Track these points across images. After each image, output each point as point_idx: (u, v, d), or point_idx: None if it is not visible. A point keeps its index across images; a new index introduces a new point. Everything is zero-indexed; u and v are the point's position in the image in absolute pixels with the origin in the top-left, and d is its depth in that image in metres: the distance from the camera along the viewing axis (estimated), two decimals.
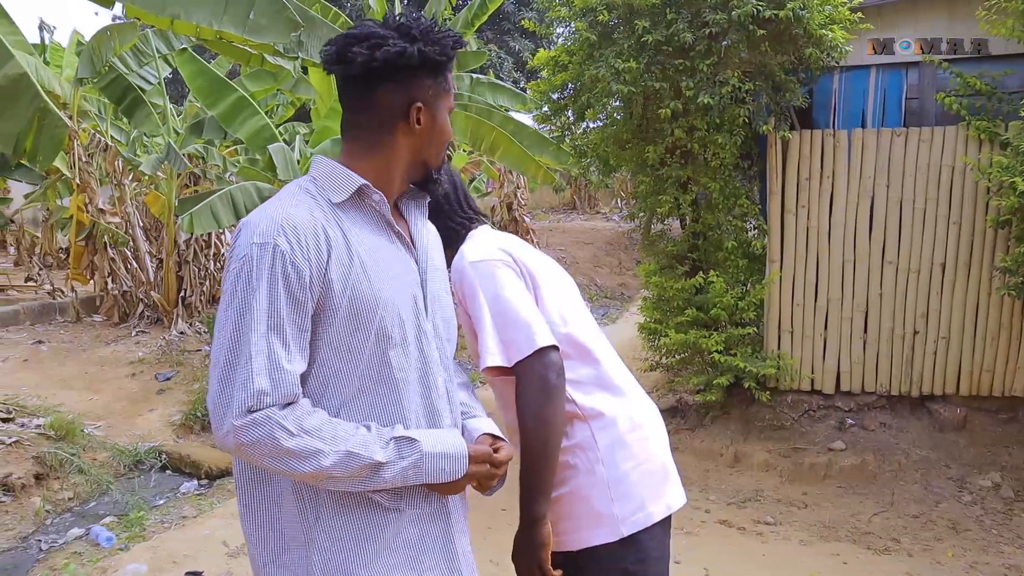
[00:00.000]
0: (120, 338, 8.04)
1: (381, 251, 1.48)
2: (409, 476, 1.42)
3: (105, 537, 4.26)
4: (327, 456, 1.34)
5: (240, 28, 3.14)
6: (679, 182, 5.76)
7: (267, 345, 1.33)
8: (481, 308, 1.72)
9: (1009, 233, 5.00)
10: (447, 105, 1.54)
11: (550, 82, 6.15)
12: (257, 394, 1.31)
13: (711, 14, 4.99)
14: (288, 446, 1.31)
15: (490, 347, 1.69)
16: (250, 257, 1.35)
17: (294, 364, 1.35)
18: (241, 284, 1.35)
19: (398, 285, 1.48)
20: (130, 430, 6.02)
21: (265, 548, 1.47)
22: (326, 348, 1.40)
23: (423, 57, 1.45)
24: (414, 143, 1.51)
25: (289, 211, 1.39)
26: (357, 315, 1.41)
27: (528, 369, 1.66)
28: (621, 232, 16.98)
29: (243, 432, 1.30)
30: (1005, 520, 4.55)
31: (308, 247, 1.36)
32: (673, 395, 6.55)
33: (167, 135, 8.06)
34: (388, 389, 1.45)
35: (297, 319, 1.36)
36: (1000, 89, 5.13)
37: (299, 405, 1.36)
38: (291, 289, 1.35)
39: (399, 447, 1.41)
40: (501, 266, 1.80)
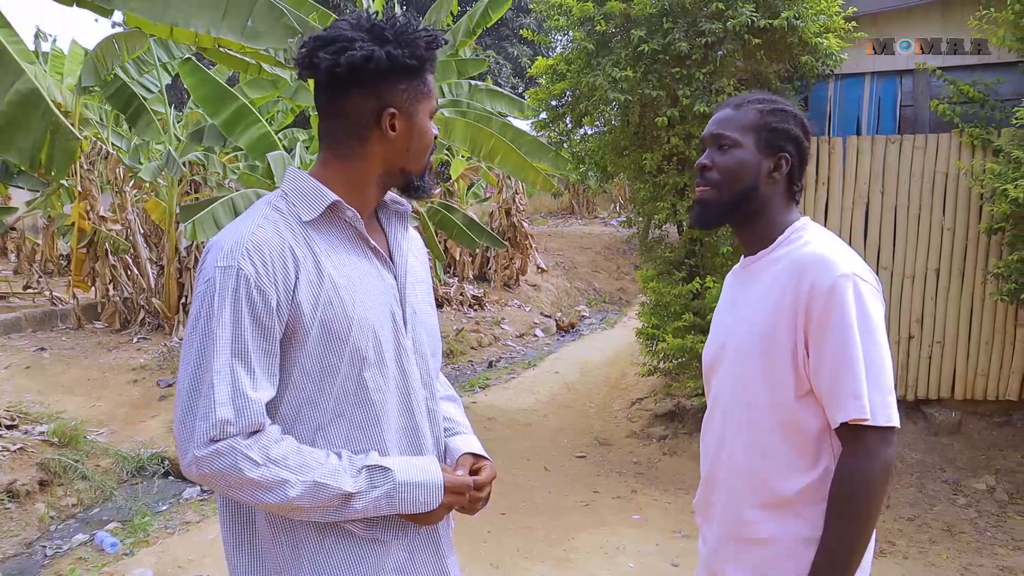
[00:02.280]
0: (121, 344, 8.08)
1: (355, 268, 1.42)
2: (382, 506, 1.36)
3: (110, 543, 4.29)
4: (293, 487, 1.29)
5: (238, 35, 3.17)
6: (676, 189, 5.82)
7: (231, 372, 1.28)
8: (854, 343, 1.43)
9: (1002, 239, 5.07)
10: (427, 109, 1.44)
11: (548, 90, 6.21)
12: (221, 423, 1.26)
13: (707, 23, 5.06)
14: (252, 476, 1.27)
15: (863, 396, 1.41)
16: (213, 281, 1.30)
17: (260, 391, 1.30)
18: (204, 309, 1.30)
19: (373, 302, 1.42)
20: (132, 436, 6.06)
21: (249, 570, 1.42)
22: (297, 372, 1.35)
23: (392, 60, 1.36)
24: (390, 151, 1.43)
25: (255, 231, 1.33)
26: (329, 337, 1.35)
27: (883, 441, 1.43)
28: (619, 237, 17.05)
29: (206, 463, 1.26)
30: (999, 522, 4.61)
31: (274, 270, 1.32)
32: (671, 399, 6.61)
33: (168, 143, 8.11)
34: (365, 411, 1.40)
35: (264, 344, 1.31)
36: (993, 97, 5.21)
37: (265, 433, 1.31)
38: (256, 314, 1.30)
39: (371, 476, 1.35)
40: (877, 294, 1.52)
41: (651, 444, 6.19)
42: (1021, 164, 4.66)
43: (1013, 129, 4.92)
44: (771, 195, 1.60)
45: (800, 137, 1.61)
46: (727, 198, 1.60)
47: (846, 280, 1.45)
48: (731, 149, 1.58)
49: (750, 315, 1.58)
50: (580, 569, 4.09)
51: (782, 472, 1.53)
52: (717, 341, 1.71)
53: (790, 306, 1.49)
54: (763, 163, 1.58)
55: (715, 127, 1.62)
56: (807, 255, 1.50)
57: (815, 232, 1.59)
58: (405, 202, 1.59)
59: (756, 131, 1.58)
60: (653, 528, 4.63)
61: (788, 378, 1.50)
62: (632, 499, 5.10)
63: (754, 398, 1.55)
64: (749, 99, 1.63)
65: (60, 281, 11.40)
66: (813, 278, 1.46)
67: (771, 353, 1.52)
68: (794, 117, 1.61)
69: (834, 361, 1.44)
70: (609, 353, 9.41)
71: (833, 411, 1.46)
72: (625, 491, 5.25)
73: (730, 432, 1.61)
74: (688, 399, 6.33)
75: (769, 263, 1.59)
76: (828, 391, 1.46)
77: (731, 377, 1.62)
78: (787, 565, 1.52)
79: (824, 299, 1.45)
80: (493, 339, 10.54)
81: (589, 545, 4.37)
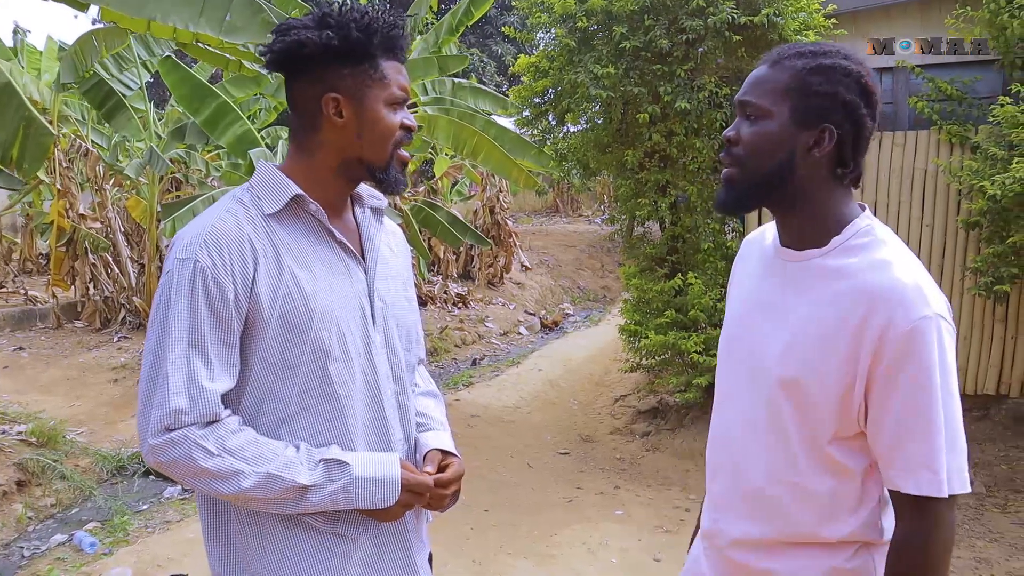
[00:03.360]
0: (102, 344, 8.01)
1: (320, 261, 1.41)
2: (339, 500, 1.36)
3: (88, 543, 4.25)
4: (247, 477, 1.29)
5: (216, 30, 3.15)
6: (658, 185, 5.84)
7: (186, 363, 1.29)
8: (934, 402, 1.20)
9: (979, 235, 5.12)
10: (381, 96, 1.40)
11: (531, 87, 6.21)
12: (174, 413, 1.27)
13: (688, 20, 5.08)
14: (206, 466, 1.28)
15: (940, 468, 1.20)
16: (172, 273, 1.32)
17: (216, 382, 1.31)
18: (163, 300, 1.32)
19: (339, 296, 1.41)
20: (113, 436, 6.00)
21: (220, 563, 1.43)
22: (259, 364, 1.36)
23: (327, 44, 1.34)
24: (340, 138, 1.41)
25: (216, 224, 1.34)
26: (289, 329, 1.36)
27: (950, 508, 1.22)
28: (603, 235, 17.08)
29: (160, 451, 1.28)
30: (977, 515, 4.65)
31: (231, 262, 1.32)
32: (654, 396, 6.63)
33: (149, 140, 8.04)
34: (330, 405, 1.40)
35: (222, 335, 1.32)
36: (970, 94, 5.26)
37: (223, 424, 1.31)
38: (213, 305, 1.31)
39: (328, 470, 1.35)
40: (953, 335, 1.26)
41: (634, 440, 6.20)
42: (998, 161, 4.71)
43: (990, 126, 4.97)
44: (813, 178, 1.29)
45: (854, 103, 1.26)
46: (753, 179, 1.32)
47: (929, 323, 1.19)
48: (759, 120, 1.29)
49: (793, 335, 1.31)
50: (563, 565, 4.10)
51: (829, 515, 1.32)
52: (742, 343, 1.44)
53: (852, 343, 1.23)
54: (800, 137, 1.27)
55: (745, 91, 1.33)
56: (885, 285, 1.22)
57: (891, 242, 1.29)
58: (381, 196, 1.58)
59: (793, 96, 1.27)
60: (636, 524, 4.64)
61: (826, 419, 1.28)
62: (615, 495, 5.12)
63: (792, 431, 1.32)
64: (791, 52, 1.31)
65: (39, 280, 11.29)
66: (890, 315, 1.20)
67: (813, 389, 1.28)
68: (847, 76, 1.26)
69: (905, 420, 1.21)
70: (593, 350, 9.42)
71: (897, 476, 1.24)
72: (608, 487, 5.26)
73: (760, 460, 1.38)
74: (670, 395, 6.35)
75: (824, 271, 1.30)
76: (890, 452, 1.24)
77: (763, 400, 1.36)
78: None
79: (902, 344, 1.19)
80: (477, 337, 10.54)
81: (572, 541, 4.38)
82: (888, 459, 1.24)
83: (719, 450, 1.48)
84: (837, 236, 1.30)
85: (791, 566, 1.36)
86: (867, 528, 1.32)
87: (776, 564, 1.37)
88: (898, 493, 1.25)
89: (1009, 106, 4.65)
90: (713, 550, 1.49)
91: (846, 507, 1.31)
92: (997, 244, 4.77)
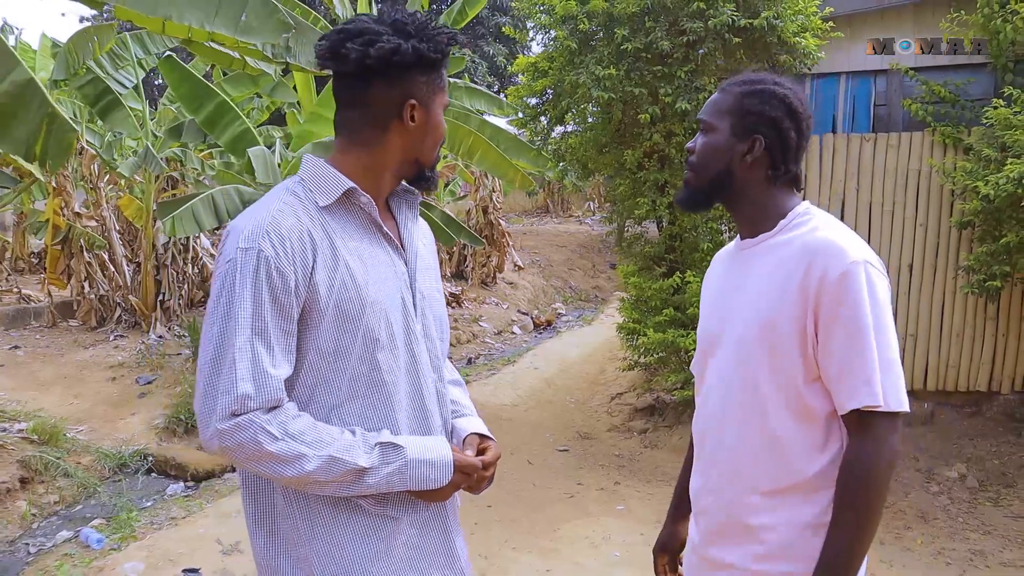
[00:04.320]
0: (98, 342, 7.99)
1: (368, 253, 1.46)
2: (394, 482, 1.41)
3: (95, 539, 4.27)
4: (310, 461, 1.33)
5: (232, 29, 3.17)
6: (656, 185, 5.91)
7: (251, 349, 1.32)
8: (868, 331, 1.42)
9: (972, 234, 5.22)
10: (441, 102, 1.51)
11: (530, 87, 6.27)
12: (241, 398, 1.30)
13: (688, 23, 5.15)
14: (271, 450, 1.32)
15: (875, 382, 1.40)
16: (235, 262, 1.35)
17: (279, 368, 1.35)
18: (226, 289, 1.35)
19: (385, 287, 1.47)
20: (112, 434, 6.01)
21: (265, 546, 1.47)
22: (313, 352, 1.40)
23: (418, 54, 1.42)
24: (407, 141, 1.48)
25: (275, 215, 1.38)
26: (343, 318, 1.40)
27: (891, 427, 1.42)
28: (594, 236, 17.17)
29: (227, 436, 1.31)
30: (970, 509, 4.76)
31: (293, 252, 1.36)
32: (651, 394, 6.70)
33: (146, 138, 8.03)
34: (378, 392, 1.45)
35: (282, 323, 1.36)
36: (963, 97, 5.36)
37: (284, 409, 1.35)
38: (275, 294, 1.34)
39: (384, 453, 1.40)
40: (885, 280, 1.50)
41: (632, 437, 6.27)
42: (991, 162, 4.81)
43: (983, 128, 5.07)
44: (750, 178, 1.58)
45: (779, 119, 1.54)
46: (703, 182, 1.61)
47: (858, 267, 1.43)
48: (709, 133, 1.59)
49: (754, 299, 1.55)
50: (567, 558, 4.15)
51: (796, 456, 1.50)
52: (714, 326, 1.67)
53: (799, 291, 1.46)
54: (737, 147, 1.56)
55: (702, 111, 1.64)
56: (817, 241, 1.47)
57: (822, 218, 1.56)
58: (416, 191, 1.63)
59: (732, 114, 1.56)
60: (637, 518, 4.70)
61: (795, 363, 1.48)
62: (615, 491, 5.18)
63: (761, 383, 1.51)
64: (734, 81, 1.62)
65: (31, 279, 11.24)
66: (825, 264, 1.44)
67: (778, 338, 1.48)
68: (774, 97, 1.55)
69: (845, 347, 1.42)
70: (587, 350, 9.49)
71: (843, 397, 1.44)
72: (608, 483, 5.33)
73: (734, 418, 1.57)
74: (668, 394, 6.42)
75: (773, 247, 1.56)
76: (837, 377, 1.44)
77: (735, 362, 1.57)
78: (792, 552, 1.50)
79: (836, 285, 1.42)
80: (471, 336, 10.58)
81: (575, 535, 4.43)
82: (837, 387, 1.45)
83: (703, 418, 1.68)
84: (782, 220, 1.57)
85: (775, 519, 1.52)
86: (834, 466, 1.49)
87: (762, 519, 1.53)
88: (848, 417, 1.45)
89: (1002, 108, 4.75)
90: (700, 513, 1.68)
91: (813, 449, 1.50)
92: (990, 243, 4.87)
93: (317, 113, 6.78)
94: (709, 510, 1.63)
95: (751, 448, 1.54)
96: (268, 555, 1.47)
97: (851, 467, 1.43)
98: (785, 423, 1.50)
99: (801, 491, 1.50)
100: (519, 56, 6.52)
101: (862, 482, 1.41)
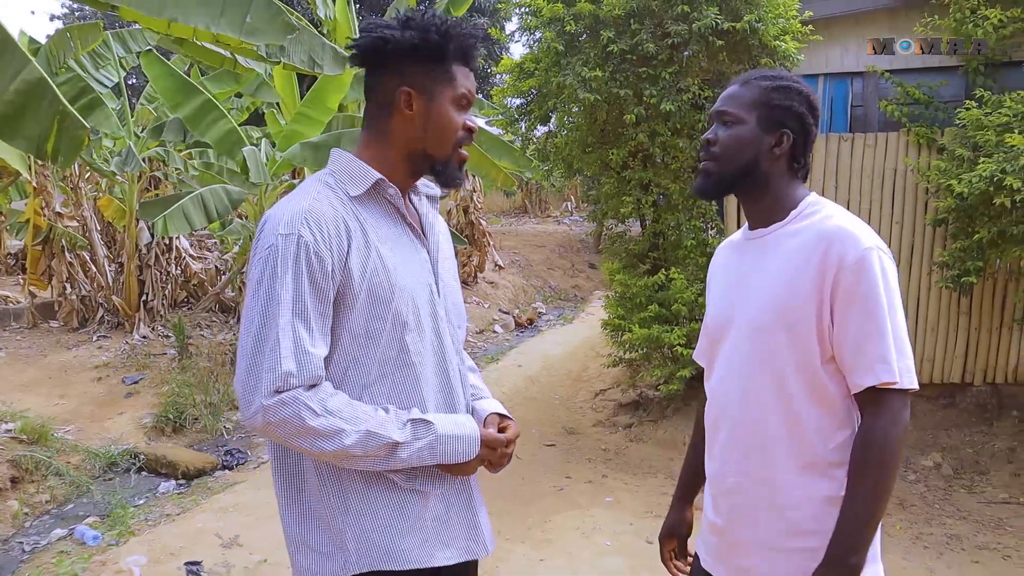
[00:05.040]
0: (81, 343, 7.95)
1: (396, 241, 1.54)
2: (424, 456, 1.48)
3: (91, 536, 4.29)
4: (349, 436, 1.40)
5: (237, 31, 3.22)
6: (641, 184, 6.03)
7: (293, 330, 1.39)
8: (883, 312, 1.48)
9: (946, 231, 5.40)
10: (450, 95, 1.54)
11: (516, 87, 6.36)
12: (285, 375, 1.37)
13: (673, 25, 5.28)
14: (313, 425, 1.38)
15: (892, 360, 1.47)
16: (276, 247, 1.42)
17: (318, 348, 1.42)
18: (268, 272, 1.41)
19: (412, 273, 1.55)
20: (100, 434, 6.00)
21: (298, 524, 1.54)
22: (346, 334, 1.47)
23: (409, 41, 1.48)
24: (408, 130, 1.54)
25: (312, 204, 1.46)
26: (375, 302, 1.47)
27: (903, 403, 1.50)
28: (573, 236, 17.31)
29: (272, 412, 1.37)
30: (946, 495, 4.93)
31: (330, 238, 1.43)
32: (634, 390, 6.82)
33: (128, 137, 8.01)
34: (407, 372, 1.52)
35: (320, 306, 1.43)
36: (936, 98, 5.54)
37: (322, 387, 1.43)
38: (314, 277, 1.41)
39: (415, 428, 1.48)
40: (894, 265, 1.56)
41: (618, 432, 6.38)
42: (964, 161, 4.98)
43: (955, 129, 5.24)
44: (774, 170, 1.63)
45: (804, 114, 1.61)
46: (728, 171, 1.64)
47: (872, 252, 1.49)
48: (734, 125, 1.62)
49: (770, 285, 1.59)
50: (559, 548, 4.25)
51: (817, 435, 1.55)
52: (725, 313, 1.71)
53: (815, 276, 1.51)
54: (764, 139, 1.60)
55: (721, 103, 1.66)
56: (833, 228, 1.53)
57: (834, 207, 1.62)
58: (435, 186, 1.72)
59: (759, 108, 1.60)
60: (625, 509, 4.81)
61: (812, 345, 1.53)
62: (603, 483, 5.29)
63: (782, 366, 1.56)
64: (756, 76, 1.66)
65: (8, 280, 11.11)
66: (840, 250, 1.49)
67: (795, 321, 1.54)
68: (799, 94, 1.62)
69: (861, 329, 1.48)
70: (569, 348, 9.60)
71: (859, 375, 1.50)
72: (596, 476, 5.43)
73: (755, 401, 1.61)
74: (652, 389, 6.55)
75: (786, 236, 1.61)
76: (853, 357, 1.50)
77: (752, 347, 1.61)
78: (813, 525, 1.55)
79: (853, 270, 1.48)
80: None
81: (565, 526, 4.53)
82: (852, 365, 1.51)
83: (719, 403, 1.71)
84: (794, 210, 1.63)
85: (793, 497, 1.57)
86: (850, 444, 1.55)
87: (788, 497, 1.58)
88: (862, 394, 1.51)
89: (974, 109, 4.92)
90: (721, 495, 1.71)
91: (834, 425, 1.56)
92: (963, 239, 5.04)
93: (304, 113, 6.82)
94: (735, 490, 1.67)
95: (775, 429, 1.59)
96: (301, 531, 1.54)
97: (867, 440, 1.49)
98: (806, 404, 1.55)
99: (820, 468, 1.56)
100: (501, 57, 6.60)
101: (878, 453, 1.47)
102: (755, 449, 1.62)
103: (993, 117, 4.74)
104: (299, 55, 4.05)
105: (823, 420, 1.56)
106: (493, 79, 7.01)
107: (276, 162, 6.96)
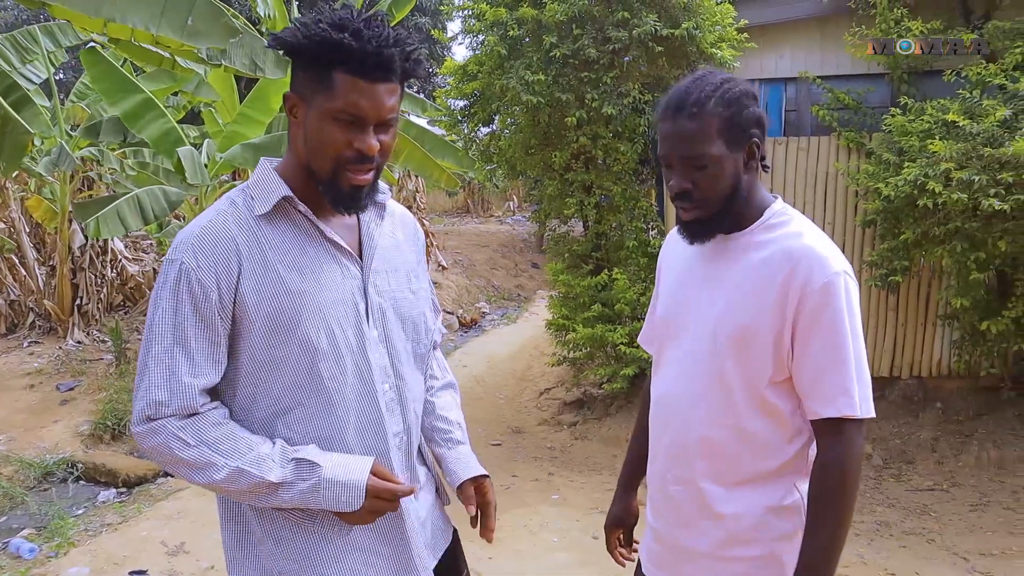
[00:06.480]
0: (11, 349, 7.68)
1: (311, 260, 1.44)
2: (308, 499, 1.39)
3: (27, 548, 4.17)
4: (220, 470, 1.35)
5: (178, 33, 3.17)
6: (583, 186, 6.13)
7: (169, 358, 1.35)
8: (847, 341, 1.46)
9: (875, 232, 5.63)
10: (327, 107, 1.35)
11: (459, 89, 6.39)
12: (154, 404, 1.34)
13: (614, 31, 5.38)
14: (182, 456, 1.34)
15: (854, 392, 1.46)
16: (163, 273, 1.39)
17: (198, 377, 1.36)
18: (153, 299, 1.39)
19: (329, 294, 1.44)
20: (35, 443, 5.83)
21: (231, 541, 1.51)
22: (248, 361, 1.41)
23: (290, 44, 1.37)
24: (296, 139, 1.44)
25: (204, 226, 1.39)
26: (275, 328, 1.39)
27: (859, 431, 1.48)
28: (515, 235, 17.38)
29: (143, 438, 1.36)
30: (876, 484, 5.15)
31: (216, 263, 1.36)
32: (578, 388, 6.92)
33: (59, 136, 7.76)
34: (321, 399, 1.43)
35: (206, 333, 1.37)
36: (865, 104, 5.77)
37: (203, 416, 1.37)
38: (197, 304, 1.36)
39: (299, 469, 1.39)
40: (857, 287, 1.52)
41: (562, 430, 6.47)
42: (890, 165, 5.20)
43: (883, 134, 5.47)
44: (750, 180, 1.57)
45: (758, 112, 1.54)
46: (716, 209, 1.54)
47: (839, 278, 1.46)
48: (707, 166, 1.50)
49: (729, 299, 1.56)
50: (507, 546, 4.30)
51: (764, 448, 1.55)
52: (679, 312, 1.67)
53: (779, 297, 1.48)
54: (737, 158, 1.52)
55: (683, 148, 1.51)
56: (800, 248, 1.49)
57: (801, 221, 1.57)
58: (385, 190, 1.59)
59: (723, 133, 1.49)
60: (571, 506, 4.90)
61: (765, 365, 1.51)
62: (549, 481, 5.36)
63: (731, 379, 1.54)
64: (701, 98, 1.50)
65: None
66: (807, 274, 1.46)
67: (753, 339, 1.51)
68: (745, 95, 1.52)
69: (822, 355, 1.46)
70: (514, 347, 9.66)
71: (819, 404, 1.48)
72: (542, 474, 5.50)
73: (703, 408, 1.59)
74: (595, 387, 6.66)
75: (751, 245, 1.56)
76: (812, 384, 1.49)
77: (706, 354, 1.58)
78: (756, 535, 1.55)
79: (819, 294, 1.45)
80: None
81: (513, 524, 4.59)
82: (811, 392, 1.49)
83: (666, 407, 1.69)
84: (760, 218, 1.57)
85: (736, 507, 1.57)
86: (798, 460, 1.57)
87: (731, 507, 1.58)
88: (819, 421, 1.49)
89: (899, 116, 5.15)
90: (663, 500, 1.70)
91: (781, 441, 1.55)
92: (890, 240, 5.27)
93: (245, 114, 6.73)
94: (677, 497, 1.65)
95: (721, 440, 1.58)
96: (232, 548, 1.52)
97: (825, 470, 1.48)
98: (753, 419, 1.55)
99: (766, 479, 1.56)
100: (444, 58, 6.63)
101: (838, 483, 1.46)
102: (700, 458, 1.60)
103: (916, 124, 4.96)
104: (240, 58, 4.01)
105: (773, 435, 1.56)
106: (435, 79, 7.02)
107: (216, 163, 6.84)
